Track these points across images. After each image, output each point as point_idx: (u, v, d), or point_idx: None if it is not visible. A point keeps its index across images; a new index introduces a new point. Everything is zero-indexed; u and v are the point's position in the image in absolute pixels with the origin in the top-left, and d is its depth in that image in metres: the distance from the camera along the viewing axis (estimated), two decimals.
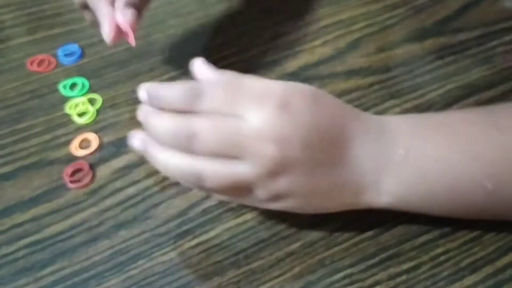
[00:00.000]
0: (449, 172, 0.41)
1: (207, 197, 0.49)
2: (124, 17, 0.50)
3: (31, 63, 0.62)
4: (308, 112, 0.40)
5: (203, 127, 0.39)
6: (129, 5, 0.50)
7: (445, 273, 0.44)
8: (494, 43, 0.63)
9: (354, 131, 0.41)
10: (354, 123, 0.42)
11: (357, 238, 0.47)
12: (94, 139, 0.54)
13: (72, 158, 0.53)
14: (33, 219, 0.49)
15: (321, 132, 0.40)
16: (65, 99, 0.59)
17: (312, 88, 0.42)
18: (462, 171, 0.41)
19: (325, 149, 0.40)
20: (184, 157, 0.40)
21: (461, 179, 0.41)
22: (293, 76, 0.60)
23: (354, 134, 0.41)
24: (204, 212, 0.49)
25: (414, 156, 0.41)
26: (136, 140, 0.42)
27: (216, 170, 0.39)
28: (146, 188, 0.50)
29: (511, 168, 0.41)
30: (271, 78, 0.58)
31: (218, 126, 0.39)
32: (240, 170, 0.39)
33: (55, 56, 0.63)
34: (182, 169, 0.40)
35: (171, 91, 0.40)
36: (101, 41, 0.64)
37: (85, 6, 0.53)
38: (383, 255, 0.46)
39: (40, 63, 0.62)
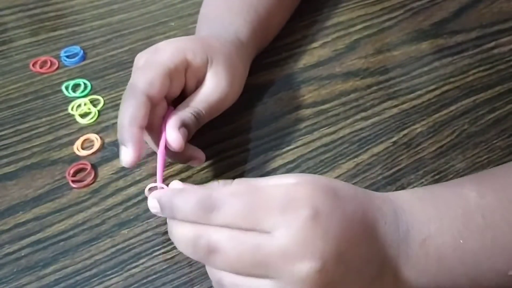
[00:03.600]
0: (469, 262, 0.39)
1: None
2: (177, 136, 0.46)
3: (34, 64, 0.63)
4: (336, 218, 0.36)
5: (223, 244, 0.36)
6: (182, 126, 0.47)
7: None
8: (491, 44, 0.64)
9: (375, 221, 0.38)
10: (372, 210, 0.39)
11: None
12: (96, 140, 0.55)
13: (74, 158, 0.54)
14: (36, 218, 0.49)
15: (351, 236, 0.36)
16: (68, 100, 0.59)
17: (326, 181, 0.39)
18: (483, 260, 0.39)
19: (356, 253, 0.37)
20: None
21: (482, 267, 0.39)
22: (292, 77, 0.61)
23: (376, 224, 0.38)
24: None
25: (433, 245, 0.39)
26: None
27: (237, 283, 0.36)
28: None
29: None
30: (271, 79, 0.60)
31: (240, 243, 0.35)
32: None
33: (57, 57, 0.64)
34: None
35: (184, 202, 0.38)
36: (103, 42, 0.66)
37: None
38: None
39: (43, 64, 0.63)
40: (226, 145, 0.54)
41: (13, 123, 0.57)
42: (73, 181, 0.52)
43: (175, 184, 0.41)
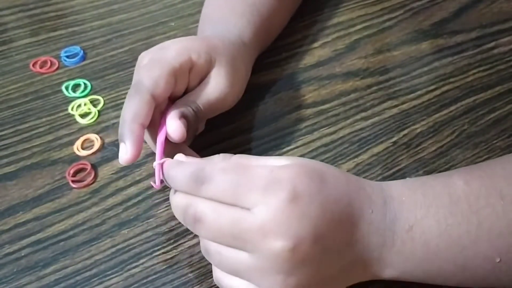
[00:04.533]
0: (455, 247, 0.40)
1: None
2: (178, 125, 0.46)
3: (34, 65, 0.63)
4: (316, 202, 0.37)
5: (207, 215, 0.38)
6: (182, 117, 0.47)
7: None
8: (491, 44, 0.64)
9: (361, 209, 0.40)
10: (360, 199, 0.40)
11: None
12: (96, 140, 0.55)
13: (74, 158, 0.54)
14: (36, 218, 0.50)
15: (330, 220, 0.38)
16: (68, 100, 0.59)
17: (317, 165, 0.40)
18: (469, 245, 0.40)
19: (335, 237, 0.38)
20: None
21: (467, 253, 0.40)
22: (292, 77, 0.61)
23: (361, 212, 0.40)
24: None
25: (420, 231, 0.40)
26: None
27: (220, 252, 0.39)
28: (148, 188, 0.51)
29: None
30: (271, 79, 0.60)
31: (221, 216, 0.38)
32: (243, 260, 0.38)
33: (57, 57, 0.64)
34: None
35: (179, 173, 0.40)
36: (103, 43, 0.66)
37: None
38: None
39: (43, 64, 0.63)
40: (226, 145, 0.54)
41: (13, 123, 0.57)
42: (73, 181, 0.52)
43: (179, 156, 0.43)
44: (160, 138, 0.45)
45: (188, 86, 0.50)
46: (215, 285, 0.44)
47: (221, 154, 0.42)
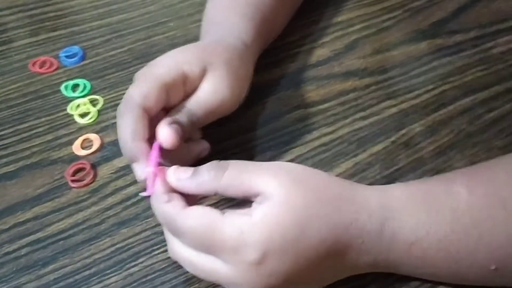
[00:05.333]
0: (451, 259, 0.41)
1: (206, 196, 0.50)
2: (167, 131, 0.45)
3: (34, 65, 0.63)
4: (290, 256, 0.38)
5: (183, 261, 0.41)
6: (174, 122, 0.46)
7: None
8: (490, 44, 0.64)
9: (350, 242, 0.39)
10: (349, 233, 0.39)
11: None
12: (95, 139, 0.55)
13: (74, 158, 0.54)
14: (36, 217, 0.50)
15: (306, 267, 0.39)
16: (67, 100, 0.60)
17: (304, 202, 0.39)
18: (466, 256, 0.40)
19: (313, 275, 0.40)
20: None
21: (464, 263, 0.41)
22: (291, 77, 0.61)
23: (350, 244, 0.39)
24: None
25: (418, 249, 0.40)
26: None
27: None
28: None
29: None
30: (270, 79, 0.60)
31: (196, 266, 0.40)
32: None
33: (57, 57, 0.64)
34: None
35: (159, 213, 0.41)
36: (102, 43, 0.66)
37: None
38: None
39: (42, 64, 0.63)
40: (225, 145, 0.55)
41: (12, 123, 0.57)
42: (72, 181, 0.52)
43: (169, 173, 0.42)
44: (155, 147, 0.44)
45: (185, 96, 0.49)
46: (214, 284, 0.44)
47: (215, 166, 0.41)
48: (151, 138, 0.45)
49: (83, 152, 0.54)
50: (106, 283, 0.45)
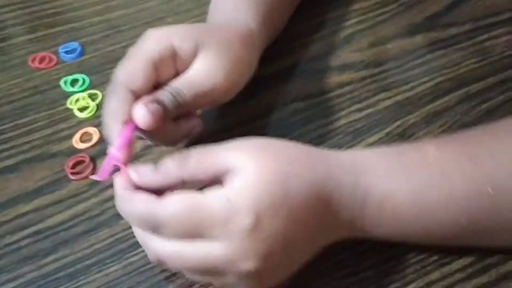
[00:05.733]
0: (425, 214, 0.41)
1: (205, 186, 0.50)
2: (143, 111, 0.43)
3: (33, 60, 0.64)
4: (280, 217, 0.37)
5: (169, 258, 0.38)
6: (155, 101, 0.44)
7: (434, 258, 0.46)
8: (484, 37, 0.65)
9: (330, 196, 0.40)
10: (328, 188, 0.40)
11: None
12: (94, 133, 0.56)
13: (73, 151, 0.55)
14: (36, 209, 0.50)
15: (296, 227, 0.38)
16: (67, 95, 0.60)
17: (278, 165, 0.38)
18: (438, 211, 0.41)
19: (304, 236, 0.39)
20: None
21: (436, 218, 0.41)
22: (287, 70, 0.62)
23: (330, 199, 0.40)
24: None
25: (391, 203, 0.41)
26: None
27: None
28: None
29: (485, 203, 0.41)
30: (267, 72, 0.61)
31: (184, 256, 0.38)
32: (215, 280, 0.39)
33: (56, 53, 0.65)
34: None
35: (132, 213, 0.39)
36: (101, 38, 0.67)
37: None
38: (375, 242, 0.47)
39: (42, 60, 0.64)
40: (221, 138, 0.55)
41: (13, 117, 0.58)
42: (72, 173, 0.53)
43: (132, 173, 0.40)
44: (127, 128, 0.43)
45: (176, 75, 0.47)
46: None
47: (178, 154, 0.40)
48: None
49: (82, 146, 0.55)
50: (106, 272, 0.46)
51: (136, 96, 0.44)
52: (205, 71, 0.47)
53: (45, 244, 0.48)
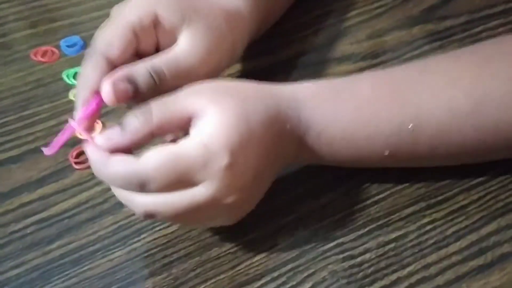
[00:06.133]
0: (353, 147, 0.46)
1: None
2: (109, 90, 0.42)
3: (35, 54, 0.65)
4: (251, 152, 0.41)
5: (158, 210, 0.41)
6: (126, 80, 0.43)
7: (431, 241, 0.47)
8: (479, 28, 0.66)
9: (281, 129, 0.44)
10: (279, 120, 0.44)
11: (347, 211, 0.49)
12: (97, 124, 0.57)
13: (76, 142, 0.55)
14: (40, 198, 0.51)
15: (263, 158, 0.43)
16: (69, 87, 0.61)
17: (238, 110, 0.41)
18: (364, 145, 0.46)
19: (267, 166, 0.44)
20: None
21: (363, 150, 0.46)
22: (286, 63, 0.63)
23: (281, 131, 0.44)
24: None
25: (326, 136, 0.45)
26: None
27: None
28: None
29: (406, 139, 0.46)
30: (265, 65, 0.62)
31: (174, 205, 0.41)
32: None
33: (58, 47, 0.66)
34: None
35: (111, 176, 0.41)
36: None
37: None
38: (372, 225, 0.48)
39: (44, 54, 0.65)
40: None
41: (16, 110, 0.59)
42: (76, 163, 0.53)
43: (98, 139, 0.41)
44: (92, 100, 0.43)
45: (158, 46, 0.46)
46: (215, 256, 0.46)
47: (139, 111, 0.41)
48: None
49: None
50: (110, 257, 0.47)
51: (113, 64, 0.43)
52: (190, 50, 0.46)
53: (50, 232, 0.49)
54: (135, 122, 0.40)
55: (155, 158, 0.39)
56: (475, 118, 0.45)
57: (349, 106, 0.46)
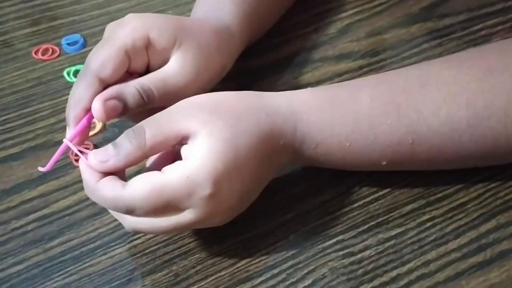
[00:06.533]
0: (351, 158, 0.47)
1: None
2: (99, 107, 0.44)
3: (36, 52, 0.65)
4: (236, 180, 0.42)
5: (143, 229, 0.44)
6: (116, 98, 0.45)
7: (431, 238, 0.47)
8: (478, 26, 0.66)
9: (272, 146, 0.44)
10: (271, 138, 0.44)
11: (347, 208, 0.49)
12: (97, 121, 0.57)
13: None
14: (41, 195, 0.52)
15: (251, 183, 0.44)
16: (69, 85, 0.61)
17: (227, 132, 0.42)
18: (363, 155, 0.46)
19: (256, 183, 0.45)
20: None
21: (360, 160, 0.47)
22: (286, 60, 0.63)
23: (273, 147, 0.44)
24: None
25: (324, 149, 0.46)
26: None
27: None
28: None
29: (404, 151, 0.46)
30: (265, 63, 0.62)
31: (159, 227, 0.42)
32: None
33: (59, 45, 0.66)
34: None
35: (100, 201, 0.42)
36: (102, 31, 0.67)
37: None
38: (372, 223, 0.48)
39: (45, 52, 0.65)
40: None
41: (17, 107, 0.59)
42: (76, 160, 0.54)
43: (92, 160, 0.42)
44: (84, 118, 0.45)
45: (149, 67, 0.48)
46: (216, 253, 0.47)
47: (132, 134, 0.42)
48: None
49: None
50: (110, 255, 0.47)
51: (106, 83, 0.46)
52: (180, 71, 0.48)
53: (51, 228, 0.49)
54: (128, 146, 0.41)
55: (140, 187, 0.40)
56: (474, 130, 0.45)
57: (348, 119, 0.45)
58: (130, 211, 0.41)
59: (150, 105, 0.47)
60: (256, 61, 0.63)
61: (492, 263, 0.46)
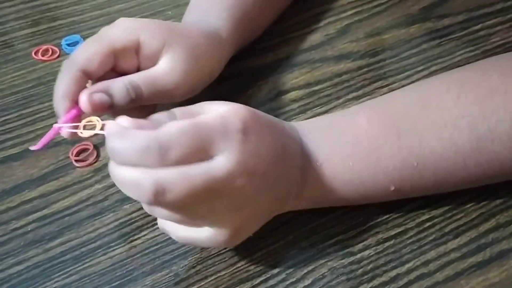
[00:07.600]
0: (356, 180, 0.45)
1: None
2: (85, 100, 0.45)
3: (36, 53, 0.65)
4: (262, 136, 0.41)
5: (173, 182, 0.37)
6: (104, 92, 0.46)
7: (430, 238, 0.47)
8: (477, 27, 0.66)
9: (286, 147, 0.43)
10: (284, 138, 0.44)
11: (347, 208, 0.49)
12: (97, 122, 0.57)
13: (77, 140, 0.56)
14: (41, 196, 0.52)
15: (272, 155, 0.41)
16: None
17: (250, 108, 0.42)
18: (368, 178, 0.45)
19: (273, 170, 0.42)
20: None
21: (367, 184, 0.45)
22: (285, 61, 0.63)
23: (286, 149, 0.43)
24: None
25: (328, 167, 0.44)
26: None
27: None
28: None
29: (410, 174, 0.45)
30: (264, 63, 0.62)
31: (191, 177, 0.37)
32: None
33: (59, 46, 0.66)
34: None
35: (128, 147, 0.37)
36: None
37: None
38: (372, 223, 0.49)
39: (45, 52, 0.65)
40: None
41: (17, 108, 0.59)
42: (76, 161, 0.54)
43: (122, 120, 0.40)
44: (73, 108, 0.46)
45: (139, 70, 0.49)
46: (216, 253, 0.47)
47: (165, 112, 0.41)
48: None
49: (86, 134, 0.56)
50: (110, 255, 0.47)
51: (89, 78, 0.46)
52: (169, 72, 0.48)
53: (51, 229, 0.49)
54: (162, 117, 0.41)
55: (176, 126, 0.37)
56: (479, 154, 0.44)
57: (347, 139, 0.45)
58: (163, 152, 0.36)
59: (139, 102, 0.47)
60: (256, 61, 0.63)
61: (492, 262, 0.46)
